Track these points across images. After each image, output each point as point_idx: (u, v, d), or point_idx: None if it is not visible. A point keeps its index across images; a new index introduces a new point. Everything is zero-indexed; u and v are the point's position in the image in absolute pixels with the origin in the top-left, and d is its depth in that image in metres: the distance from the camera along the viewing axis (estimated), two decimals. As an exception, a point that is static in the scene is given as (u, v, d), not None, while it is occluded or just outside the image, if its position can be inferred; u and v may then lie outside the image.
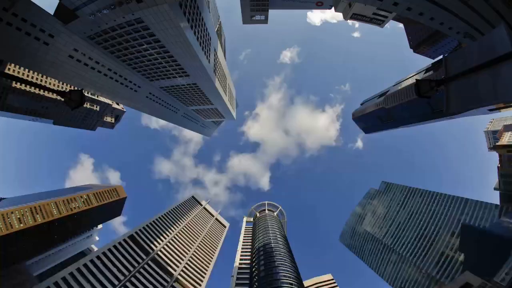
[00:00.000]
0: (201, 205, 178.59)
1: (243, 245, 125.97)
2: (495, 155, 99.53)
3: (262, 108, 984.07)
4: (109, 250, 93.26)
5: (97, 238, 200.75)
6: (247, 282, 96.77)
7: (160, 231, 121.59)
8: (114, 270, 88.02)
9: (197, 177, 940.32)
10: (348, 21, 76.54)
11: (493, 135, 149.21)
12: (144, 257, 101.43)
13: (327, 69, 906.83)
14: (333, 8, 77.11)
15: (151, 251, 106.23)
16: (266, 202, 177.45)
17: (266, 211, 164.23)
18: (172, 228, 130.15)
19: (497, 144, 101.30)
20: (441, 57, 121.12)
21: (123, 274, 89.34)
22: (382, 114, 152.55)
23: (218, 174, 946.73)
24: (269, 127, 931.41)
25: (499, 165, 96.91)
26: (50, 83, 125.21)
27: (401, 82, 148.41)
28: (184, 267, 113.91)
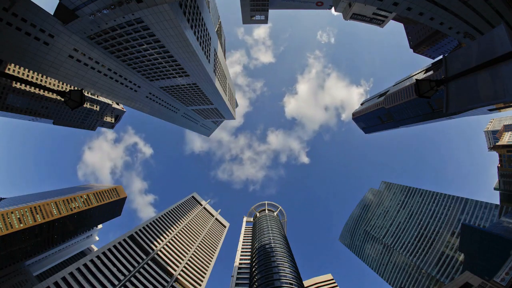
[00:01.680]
0: (201, 205, 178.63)
1: (243, 245, 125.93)
2: (495, 155, 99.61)
3: (303, 81, 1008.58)
4: (109, 250, 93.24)
5: (97, 238, 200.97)
6: (247, 282, 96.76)
7: (160, 231, 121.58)
8: (114, 270, 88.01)
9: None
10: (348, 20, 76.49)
11: (493, 135, 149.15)
12: (144, 257, 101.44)
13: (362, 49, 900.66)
14: (333, 8, 77.14)
15: (151, 251, 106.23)
16: (266, 202, 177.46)
17: (266, 211, 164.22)
18: (172, 228, 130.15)
19: (497, 144, 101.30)
20: (441, 57, 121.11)
21: (123, 274, 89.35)
22: (382, 114, 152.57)
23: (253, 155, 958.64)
24: (308, 102, 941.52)
25: (499, 165, 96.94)
26: (50, 83, 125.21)
27: (401, 82, 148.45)
28: (184, 267, 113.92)
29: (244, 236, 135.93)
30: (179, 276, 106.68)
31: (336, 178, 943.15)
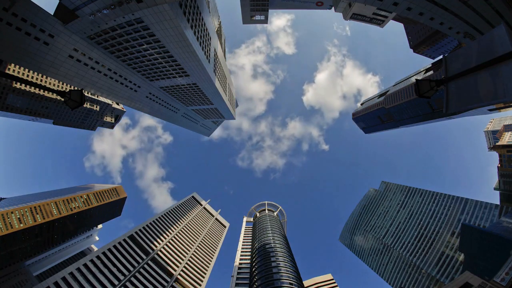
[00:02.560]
0: (201, 205, 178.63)
1: (243, 245, 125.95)
2: (495, 155, 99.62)
3: (323, 68, 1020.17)
4: (109, 250, 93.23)
5: (97, 238, 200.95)
6: (247, 282, 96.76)
7: (160, 231, 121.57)
8: (114, 270, 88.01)
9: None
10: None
11: (493, 135, 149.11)
12: (144, 257, 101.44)
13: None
14: (333, 8, 77.13)
15: (151, 251, 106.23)
16: (266, 202, 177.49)
17: (266, 211, 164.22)
18: (172, 228, 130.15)
19: (497, 144, 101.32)
20: (441, 57, 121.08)
21: (123, 274, 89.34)
22: (382, 114, 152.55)
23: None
24: (327, 89, 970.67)
25: (499, 165, 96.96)
26: (50, 83, 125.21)
27: (401, 82, 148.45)
28: (184, 267, 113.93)
29: (244, 236, 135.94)
30: (179, 276, 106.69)
31: (336, 178, 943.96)
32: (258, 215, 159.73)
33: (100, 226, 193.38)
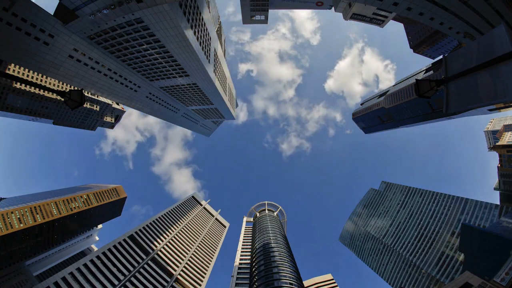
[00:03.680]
0: (201, 205, 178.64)
1: (243, 245, 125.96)
2: (495, 155, 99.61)
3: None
4: (109, 250, 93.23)
5: (97, 238, 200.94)
6: (247, 282, 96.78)
7: (160, 231, 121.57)
8: (114, 270, 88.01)
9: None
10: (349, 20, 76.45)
11: (493, 135, 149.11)
12: (144, 257, 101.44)
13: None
14: (333, 8, 77.11)
15: (151, 251, 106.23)
16: (266, 202, 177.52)
17: (266, 211, 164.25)
18: (172, 228, 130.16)
19: (497, 144, 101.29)
20: (441, 57, 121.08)
21: (123, 274, 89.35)
22: (382, 114, 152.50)
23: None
24: (348, 76, 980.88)
25: (499, 165, 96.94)
26: (50, 83, 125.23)
27: (401, 82, 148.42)
28: (184, 267, 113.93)
29: (244, 236, 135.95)
30: (179, 276, 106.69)
31: (336, 177, 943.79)
32: (258, 215, 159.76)
33: (100, 226, 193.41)
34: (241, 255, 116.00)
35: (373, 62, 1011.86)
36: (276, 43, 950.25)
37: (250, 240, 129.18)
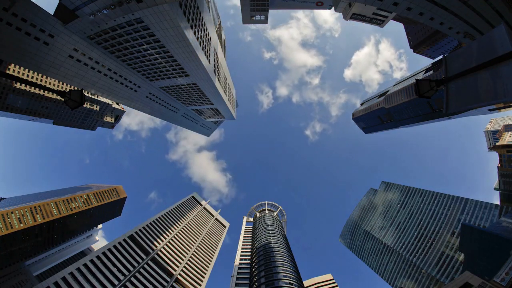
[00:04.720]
0: (201, 205, 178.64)
1: (243, 245, 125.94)
2: (495, 155, 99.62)
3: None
4: (109, 250, 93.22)
5: (97, 238, 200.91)
6: (247, 282, 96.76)
7: (160, 231, 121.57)
8: (114, 270, 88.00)
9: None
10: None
11: (493, 135, 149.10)
12: (144, 257, 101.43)
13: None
14: (333, 8, 77.11)
15: (151, 251, 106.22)
16: (266, 202, 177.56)
17: (266, 211, 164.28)
18: (172, 228, 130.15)
19: (497, 144, 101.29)
20: (441, 57, 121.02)
21: (123, 274, 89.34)
22: (382, 114, 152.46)
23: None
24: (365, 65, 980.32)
25: (499, 165, 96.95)
26: (50, 83, 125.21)
27: (401, 82, 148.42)
28: (184, 267, 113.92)
29: (244, 236, 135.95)
30: (179, 276, 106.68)
31: (336, 177, 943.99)
32: (258, 215, 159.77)
33: (100, 226, 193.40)
34: (241, 255, 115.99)
35: (387, 52, 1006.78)
36: (298, 31, 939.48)
37: (250, 240, 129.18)
